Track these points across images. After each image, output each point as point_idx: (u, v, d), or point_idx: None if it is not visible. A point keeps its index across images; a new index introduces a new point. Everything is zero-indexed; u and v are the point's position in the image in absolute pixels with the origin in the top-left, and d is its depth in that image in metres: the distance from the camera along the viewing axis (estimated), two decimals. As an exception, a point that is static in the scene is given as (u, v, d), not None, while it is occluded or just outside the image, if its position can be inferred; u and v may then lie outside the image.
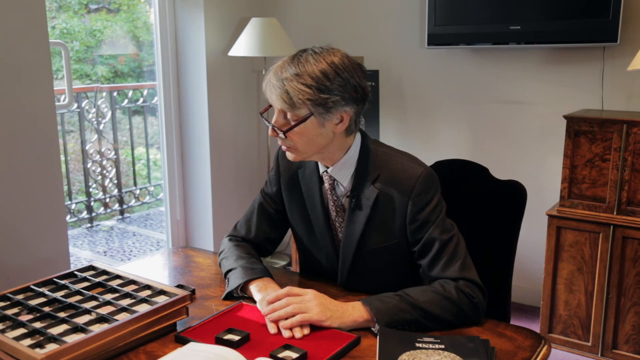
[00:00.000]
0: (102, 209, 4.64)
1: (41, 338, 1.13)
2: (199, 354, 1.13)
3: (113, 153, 4.58)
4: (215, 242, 3.40)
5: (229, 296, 1.45)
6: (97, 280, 1.40)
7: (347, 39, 3.38)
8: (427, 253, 1.38)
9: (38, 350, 1.08)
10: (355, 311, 1.28)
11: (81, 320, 1.20)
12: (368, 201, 1.41)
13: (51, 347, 1.10)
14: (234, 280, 1.44)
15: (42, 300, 1.31)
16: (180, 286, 1.48)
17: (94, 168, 4.48)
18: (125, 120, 4.71)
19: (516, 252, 1.66)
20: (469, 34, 2.93)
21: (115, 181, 4.64)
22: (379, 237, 1.44)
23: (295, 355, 1.15)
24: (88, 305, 1.27)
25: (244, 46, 3.12)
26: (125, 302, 1.29)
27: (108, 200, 4.66)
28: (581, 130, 2.50)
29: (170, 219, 3.45)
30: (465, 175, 1.73)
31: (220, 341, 1.20)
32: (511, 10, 2.81)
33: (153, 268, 1.73)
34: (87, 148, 4.42)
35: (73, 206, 4.42)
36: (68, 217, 4.31)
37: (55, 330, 1.16)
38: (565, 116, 2.54)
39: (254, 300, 1.39)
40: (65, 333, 1.15)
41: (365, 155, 1.44)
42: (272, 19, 3.17)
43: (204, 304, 1.42)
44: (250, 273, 1.44)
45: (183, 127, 3.38)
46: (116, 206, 4.75)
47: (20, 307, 1.27)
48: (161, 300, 1.29)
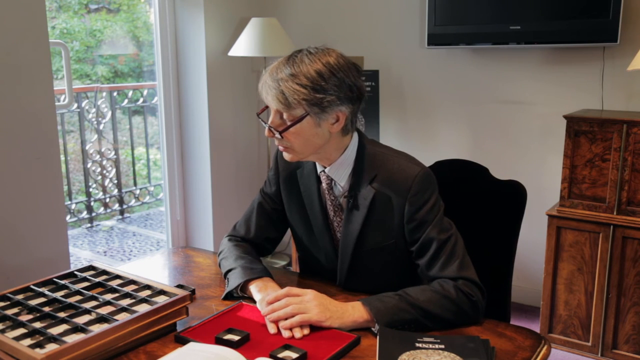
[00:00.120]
0: (102, 209, 4.64)
1: (41, 338, 1.13)
2: (199, 354, 1.13)
3: (113, 153, 4.57)
4: (215, 242, 3.40)
5: (229, 296, 1.45)
6: (97, 280, 1.40)
7: (347, 39, 3.38)
8: (425, 253, 1.38)
9: (38, 350, 1.08)
10: (355, 311, 1.28)
11: (81, 320, 1.20)
12: (365, 201, 1.41)
13: (51, 347, 1.10)
14: (234, 280, 1.44)
15: (42, 300, 1.31)
16: (180, 286, 1.48)
17: (94, 168, 4.48)
18: (125, 120, 4.71)
19: (516, 252, 1.66)
20: (469, 34, 2.93)
21: (115, 181, 4.64)
22: (377, 237, 1.44)
23: (295, 355, 1.15)
24: (88, 305, 1.27)
25: (244, 46, 3.12)
26: (125, 302, 1.29)
27: (108, 200, 4.66)
28: (581, 130, 2.50)
29: (170, 219, 3.45)
30: (465, 175, 1.73)
31: (220, 341, 1.20)
32: (511, 10, 2.81)
33: (153, 268, 1.73)
34: (87, 148, 4.42)
35: (73, 206, 4.42)
36: (68, 217, 4.31)
37: (55, 330, 1.16)
38: (565, 116, 2.54)
39: (253, 300, 1.39)
40: (65, 333, 1.15)
41: (363, 155, 1.44)
42: (272, 19, 3.17)
43: (204, 304, 1.42)
44: (249, 273, 1.44)
45: (183, 127, 3.38)
46: (116, 206, 4.75)
47: (20, 307, 1.27)
48: (161, 300, 1.29)
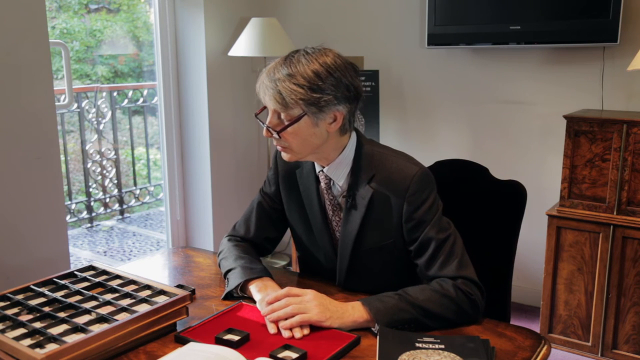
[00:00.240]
0: (102, 209, 4.64)
1: (41, 338, 1.13)
2: (199, 354, 1.13)
3: (113, 153, 4.57)
4: (215, 242, 3.40)
5: (229, 296, 1.45)
6: (97, 280, 1.40)
7: (347, 39, 3.38)
8: (424, 252, 1.38)
9: (38, 350, 1.08)
10: (355, 311, 1.28)
11: (81, 320, 1.20)
12: (363, 200, 1.41)
13: (51, 347, 1.10)
14: (234, 280, 1.44)
15: (42, 300, 1.31)
16: (180, 286, 1.48)
17: (94, 168, 4.48)
18: (125, 120, 4.71)
19: (516, 252, 1.66)
20: (469, 34, 2.93)
21: (115, 181, 4.64)
22: (375, 237, 1.44)
23: (295, 355, 1.15)
24: (88, 305, 1.27)
25: (244, 46, 3.12)
26: (125, 302, 1.29)
27: (108, 200, 4.66)
28: (581, 130, 2.50)
29: (170, 219, 3.45)
30: (465, 175, 1.73)
31: (220, 341, 1.20)
32: (511, 10, 2.81)
33: (153, 268, 1.73)
34: (87, 148, 4.42)
35: (73, 206, 4.42)
36: (68, 217, 4.31)
37: (55, 330, 1.16)
38: (565, 116, 2.54)
39: (253, 300, 1.39)
40: (65, 333, 1.15)
41: (361, 155, 1.44)
42: (272, 19, 3.17)
43: (204, 304, 1.42)
44: (249, 273, 1.44)
45: (183, 127, 3.38)
46: (116, 206, 4.75)
47: (20, 307, 1.27)
48: (161, 300, 1.29)
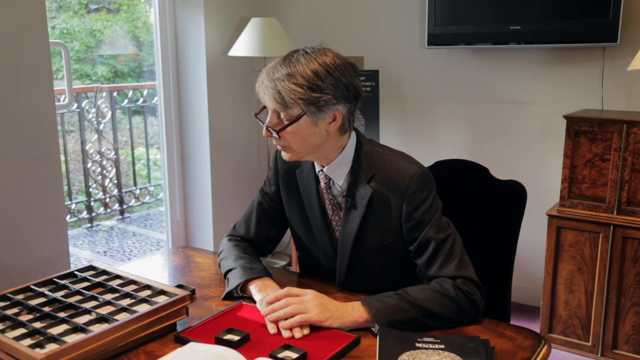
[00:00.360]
0: (102, 209, 4.64)
1: (41, 338, 1.13)
2: (199, 354, 1.13)
3: (113, 153, 4.57)
4: (215, 242, 3.40)
5: (229, 296, 1.45)
6: (97, 280, 1.40)
7: (347, 39, 3.38)
8: (424, 252, 1.38)
9: (38, 350, 1.08)
10: (355, 311, 1.28)
11: (81, 320, 1.20)
12: (363, 200, 1.41)
13: (51, 347, 1.10)
14: (234, 280, 1.44)
15: (42, 300, 1.31)
16: (180, 286, 1.48)
17: (94, 168, 4.48)
18: (125, 120, 4.71)
19: (516, 252, 1.66)
20: (469, 34, 2.93)
21: (115, 181, 4.64)
22: (375, 236, 1.44)
23: (295, 355, 1.15)
24: (88, 305, 1.27)
25: (244, 46, 3.12)
26: (125, 302, 1.29)
27: (108, 200, 4.66)
28: (581, 130, 2.50)
29: (170, 219, 3.45)
30: (465, 175, 1.73)
31: (220, 341, 1.20)
32: (511, 10, 2.80)
33: (153, 268, 1.73)
34: (87, 148, 4.42)
35: (73, 206, 4.42)
36: (68, 217, 4.31)
37: (55, 330, 1.16)
38: (565, 116, 2.54)
39: (253, 300, 1.39)
40: (65, 333, 1.15)
41: (361, 155, 1.44)
42: (272, 19, 3.17)
43: (204, 304, 1.42)
44: (249, 273, 1.44)
45: (183, 127, 3.38)
46: (116, 206, 4.75)
47: (20, 307, 1.27)
48: (161, 300, 1.29)
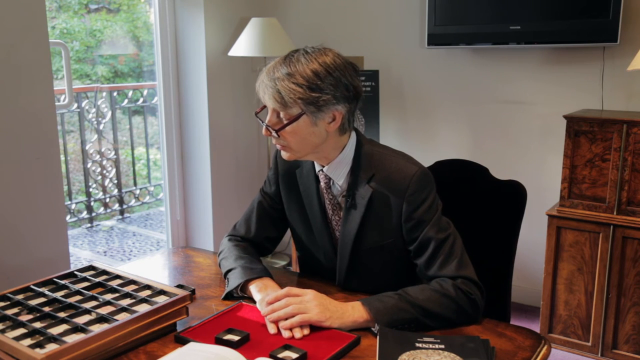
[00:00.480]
0: (102, 209, 4.64)
1: (41, 338, 1.13)
2: (199, 354, 1.13)
3: (113, 153, 4.57)
4: (215, 242, 3.40)
5: (229, 296, 1.45)
6: (97, 280, 1.40)
7: (347, 39, 3.38)
8: (424, 252, 1.38)
9: (38, 350, 1.08)
10: (355, 311, 1.28)
11: (81, 320, 1.20)
12: (363, 200, 1.42)
13: (51, 347, 1.10)
14: (234, 280, 1.44)
15: (42, 300, 1.31)
16: (180, 286, 1.48)
17: (94, 168, 4.48)
18: (125, 120, 4.71)
19: (516, 252, 1.66)
20: (469, 34, 2.93)
21: (115, 181, 4.64)
22: (375, 236, 1.44)
23: (295, 355, 1.15)
24: (88, 305, 1.27)
25: (244, 46, 3.12)
26: (125, 302, 1.29)
27: (108, 200, 4.66)
28: (581, 130, 2.50)
29: (170, 219, 3.45)
30: (465, 175, 1.73)
31: (220, 341, 1.20)
32: (511, 10, 2.80)
33: (153, 268, 1.73)
34: (87, 148, 4.42)
35: (73, 206, 4.42)
36: (68, 217, 4.31)
37: (55, 330, 1.16)
38: (565, 116, 2.54)
39: (253, 300, 1.39)
40: (65, 333, 1.15)
41: (360, 155, 1.44)
42: (272, 19, 3.17)
43: (204, 304, 1.42)
44: (249, 273, 1.44)
45: (183, 127, 3.38)
46: (116, 206, 4.75)
47: (20, 307, 1.27)
48: (161, 300, 1.29)
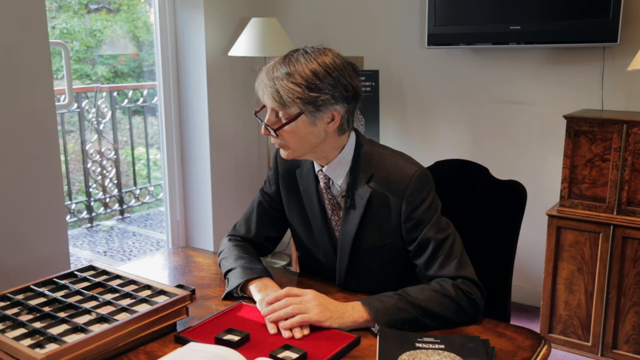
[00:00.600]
0: (102, 209, 4.64)
1: (41, 338, 1.13)
2: (199, 354, 1.13)
3: (113, 153, 4.57)
4: (215, 242, 3.40)
5: (229, 296, 1.45)
6: (97, 280, 1.40)
7: (347, 39, 3.38)
8: (423, 252, 1.38)
9: (38, 350, 1.08)
10: (355, 311, 1.28)
11: (81, 320, 1.20)
12: (362, 200, 1.42)
13: (51, 347, 1.10)
14: (234, 280, 1.44)
15: (42, 300, 1.31)
16: (180, 286, 1.48)
17: (94, 168, 4.48)
18: (125, 120, 4.71)
19: (516, 252, 1.66)
20: (469, 34, 2.93)
21: (115, 181, 4.64)
22: (375, 236, 1.44)
23: (295, 355, 1.15)
24: (88, 305, 1.27)
25: (244, 46, 3.12)
26: (125, 302, 1.29)
27: (108, 200, 4.66)
28: (581, 130, 2.50)
29: (170, 219, 3.45)
30: (465, 175, 1.73)
31: (220, 341, 1.20)
32: (511, 10, 2.80)
33: (153, 268, 1.73)
34: (87, 148, 4.42)
35: (73, 206, 4.42)
36: (68, 217, 4.31)
37: (55, 330, 1.16)
38: (565, 116, 2.54)
39: (253, 300, 1.39)
40: (65, 333, 1.15)
41: (360, 155, 1.44)
42: (272, 19, 3.17)
43: (204, 304, 1.42)
44: (249, 273, 1.44)
45: (183, 127, 3.38)
46: (116, 206, 4.75)
47: (20, 307, 1.27)
48: (161, 300, 1.29)
